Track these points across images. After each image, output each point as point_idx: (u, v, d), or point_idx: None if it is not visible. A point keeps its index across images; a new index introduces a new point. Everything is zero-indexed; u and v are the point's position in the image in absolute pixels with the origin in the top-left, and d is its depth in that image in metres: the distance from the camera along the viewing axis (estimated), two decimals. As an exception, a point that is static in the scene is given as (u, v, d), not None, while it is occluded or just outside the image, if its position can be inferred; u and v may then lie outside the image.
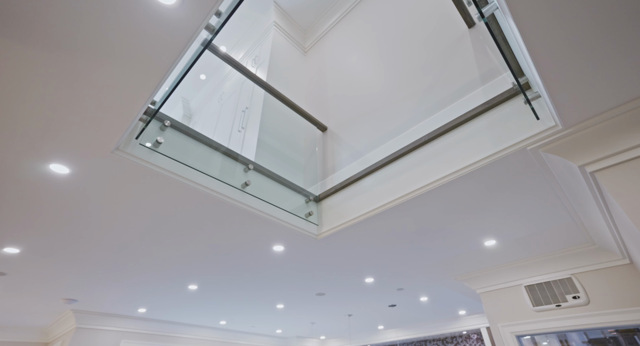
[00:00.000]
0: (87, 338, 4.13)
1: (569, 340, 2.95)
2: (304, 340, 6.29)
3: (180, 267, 2.88)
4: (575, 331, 2.74)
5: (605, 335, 2.75)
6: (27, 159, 1.55)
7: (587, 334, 2.88)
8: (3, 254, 2.46)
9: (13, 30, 1.01)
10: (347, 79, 3.38)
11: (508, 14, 1.07)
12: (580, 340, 2.91)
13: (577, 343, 2.90)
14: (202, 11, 1.00)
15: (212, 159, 2.02)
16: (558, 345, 2.96)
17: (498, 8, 1.12)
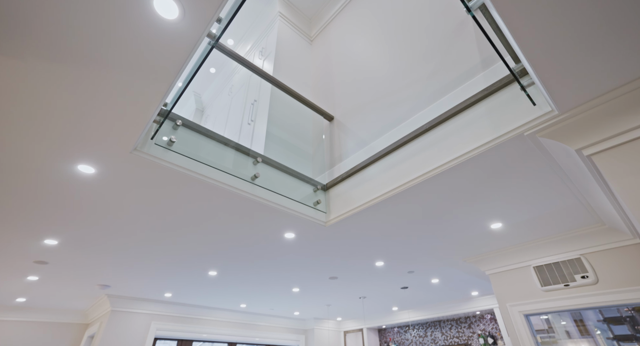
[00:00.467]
0: (122, 320, 4.49)
1: (584, 320, 3.00)
2: (322, 321, 6.55)
3: (199, 255, 3.08)
4: (583, 310, 2.78)
5: (622, 314, 2.78)
6: (59, 162, 1.72)
7: (603, 312, 2.92)
8: (44, 246, 2.73)
9: (46, 52, 1.14)
10: (353, 67, 3.41)
11: (492, 6, 1.11)
12: (596, 318, 2.95)
13: (592, 321, 2.95)
14: (202, 23, 1.09)
15: (222, 153, 2.15)
16: (572, 324, 3.02)
17: (483, 2, 1.15)
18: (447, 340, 5.67)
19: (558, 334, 3.07)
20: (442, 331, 5.79)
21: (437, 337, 5.80)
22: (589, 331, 2.94)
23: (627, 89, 1.39)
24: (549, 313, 2.93)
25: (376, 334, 6.66)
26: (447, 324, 5.78)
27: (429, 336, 5.93)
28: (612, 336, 2.85)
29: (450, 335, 5.66)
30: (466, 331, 5.50)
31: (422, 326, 6.10)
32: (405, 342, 6.23)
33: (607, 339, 2.86)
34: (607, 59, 1.27)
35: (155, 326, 4.76)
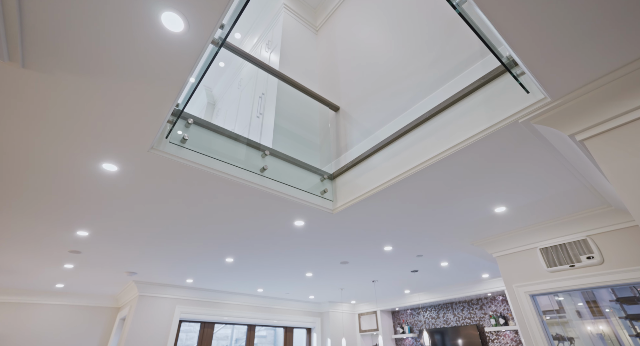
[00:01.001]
0: (149, 304, 4.83)
1: (598, 300, 3.06)
2: (336, 304, 6.80)
3: (216, 243, 3.29)
4: (588, 289, 2.84)
5: (635, 293, 2.82)
6: (86, 161, 1.90)
7: (616, 292, 2.96)
8: (77, 237, 2.98)
9: (71, 66, 1.28)
10: (357, 56, 3.45)
11: (474, 3, 1.16)
12: (609, 298, 3.00)
13: (605, 301, 3.00)
14: (205, 34, 1.20)
15: (232, 148, 2.28)
16: (584, 305, 3.08)
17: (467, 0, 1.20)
18: (459, 321, 5.81)
19: (569, 314, 3.14)
20: (454, 312, 5.92)
21: (449, 318, 5.95)
22: (602, 312, 2.99)
23: (618, 75, 1.42)
24: (554, 293, 3.00)
25: (390, 316, 6.87)
26: (459, 306, 5.90)
27: (441, 317, 6.08)
28: (625, 316, 2.90)
29: (462, 316, 5.79)
30: (478, 312, 5.62)
31: (434, 308, 6.25)
32: (418, 323, 6.41)
33: (620, 318, 2.92)
34: (594, 48, 1.31)
35: (179, 309, 5.09)
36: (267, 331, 7.42)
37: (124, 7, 1.10)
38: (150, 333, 4.66)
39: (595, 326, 3.01)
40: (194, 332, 5.67)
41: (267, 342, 7.45)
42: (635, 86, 1.41)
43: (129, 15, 1.13)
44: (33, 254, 3.46)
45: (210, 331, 5.52)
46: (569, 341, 3.11)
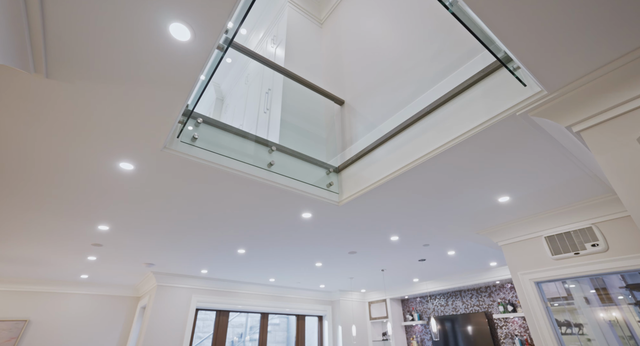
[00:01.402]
0: (167, 293, 5.07)
1: (608, 287, 3.09)
2: (346, 293, 6.96)
3: (228, 235, 3.43)
4: (592, 276, 2.88)
5: None
6: (105, 161, 2.03)
7: (626, 279, 2.99)
8: (98, 231, 3.17)
9: (90, 75, 1.39)
10: (361, 49, 3.48)
11: (464, 4, 1.21)
12: (618, 285, 3.03)
13: (614, 288, 3.04)
14: (210, 40, 1.29)
15: (240, 144, 2.39)
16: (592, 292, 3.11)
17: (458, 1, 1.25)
18: (467, 308, 5.89)
19: (577, 301, 3.19)
20: (462, 300, 6.00)
21: (458, 306, 6.03)
22: (612, 298, 3.03)
23: (612, 67, 1.45)
24: (559, 280, 3.04)
25: (399, 304, 7.00)
26: (467, 293, 5.98)
27: (449, 305, 6.17)
28: (635, 302, 2.93)
29: (471, 303, 5.86)
30: (486, 299, 5.68)
31: (443, 296, 6.34)
32: (427, 311, 6.53)
33: (630, 305, 2.95)
34: (588, 42, 1.34)
35: (195, 298, 5.32)
36: (280, 319, 7.67)
37: (135, 20, 1.20)
38: (169, 321, 4.90)
39: (605, 312, 3.04)
40: (210, 320, 5.92)
41: (280, 329, 7.71)
42: (629, 78, 1.43)
43: (140, 27, 1.22)
44: (60, 247, 3.68)
45: (226, 319, 5.76)
46: (578, 328, 3.16)
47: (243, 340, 7.56)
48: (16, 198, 2.50)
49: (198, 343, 6.44)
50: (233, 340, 7.54)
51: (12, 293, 4.90)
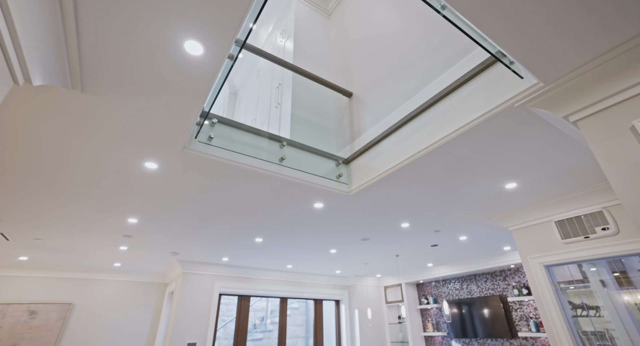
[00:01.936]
0: (192, 280, 5.42)
1: (627, 270, 3.12)
2: (362, 278, 7.17)
3: (245, 225, 3.64)
4: (601, 260, 2.92)
5: None
6: (132, 161, 2.24)
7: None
8: (128, 223, 3.45)
9: (117, 88, 1.56)
10: (368, 40, 3.52)
11: (451, 7, 1.28)
12: (637, 267, 3.05)
13: (634, 271, 3.06)
14: (220, 53, 1.42)
15: (252, 140, 2.54)
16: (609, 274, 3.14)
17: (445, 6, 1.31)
18: (482, 291, 5.98)
19: (593, 285, 3.23)
20: (477, 284, 6.09)
21: (473, 289, 6.13)
22: (631, 281, 3.05)
23: (607, 58, 1.49)
24: (568, 264, 3.09)
25: (414, 288, 7.15)
26: (482, 277, 6.05)
27: (464, 289, 6.27)
28: None
29: (486, 287, 5.94)
30: (501, 283, 5.75)
31: (457, 280, 6.44)
32: (442, 295, 6.66)
33: None
34: (580, 34, 1.38)
35: (218, 284, 5.66)
36: (299, 304, 8.01)
37: (155, 40, 1.34)
38: (195, 305, 5.26)
39: (623, 295, 3.07)
40: (233, 305, 6.28)
41: (299, 313, 8.06)
42: (623, 68, 1.47)
43: (159, 46, 1.37)
44: (96, 238, 4.02)
45: (247, 304, 6.09)
46: (595, 310, 3.21)
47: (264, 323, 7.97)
48: (59, 197, 2.77)
49: (222, 325, 6.85)
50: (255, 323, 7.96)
51: (58, 279, 5.39)
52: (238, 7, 1.22)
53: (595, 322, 3.05)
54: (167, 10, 1.23)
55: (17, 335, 4.71)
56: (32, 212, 3.08)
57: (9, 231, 3.56)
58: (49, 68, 1.35)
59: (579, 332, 3.04)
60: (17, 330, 4.75)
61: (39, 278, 5.26)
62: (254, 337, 7.67)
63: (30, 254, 4.63)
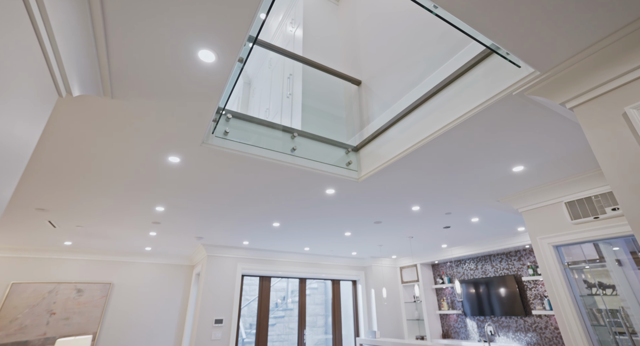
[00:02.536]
0: (216, 262, 5.80)
1: None
2: (378, 259, 7.39)
3: (263, 211, 3.88)
4: (610, 240, 2.96)
5: None
6: (157, 156, 2.46)
7: None
8: (156, 211, 3.76)
9: (143, 93, 1.75)
10: (376, 27, 3.55)
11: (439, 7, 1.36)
12: None
13: None
14: (230, 59, 1.57)
15: (264, 133, 2.71)
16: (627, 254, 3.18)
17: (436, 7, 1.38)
18: (497, 271, 6.07)
19: (609, 264, 3.28)
20: (492, 264, 6.17)
21: (488, 269, 6.22)
22: None
23: (602, 45, 1.52)
24: (577, 244, 3.15)
25: (430, 268, 7.32)
26: (497, 258, 6.12)
27: (479, 269, 6.37)
28: None
29: (501, 267, 6.02)
30: (516, 263, 5.81)
31: (472, 261, 6.54)
32: (457, 274, 6.79)
33: None
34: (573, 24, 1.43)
35: (241, 266, 6.02)
36: (317, 284, 8.37)
37: (173, 51, 1.50)
38: (220, 286, 5.66)
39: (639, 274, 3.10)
40: (255, 285, 6.68)
41: (318, 293, 8.44)
42: (618, 56, 1.51)
43: (177, 56, 1.53)
44: (128, 225, 4.38)
45: (268, 284, 6.46)
46: (611, 289, 3.27)
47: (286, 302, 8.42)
48: (96, 189, 3.07)
49: (246, 304, 7.32)
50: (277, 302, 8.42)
51: (98, 261, 5.93)
52: (242, 22, 1.36)
53: (611, 300, 3.10)
54: (182, 25, 1.38)
55: (69, 310, 5.32)
56: (74, 202, 3.43)
57: (56, 220, 3.95)
58: (85, 80, 1.55)
59: (593, 310, 3.12)
60: (69, 305, 5.35)
61: (83, 260, 5.81)
62: (276, 315, 8.14)
63: (73, 240, 5.10)
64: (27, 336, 4.87)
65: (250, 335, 7.30)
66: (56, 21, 1.17)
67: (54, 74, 1.31)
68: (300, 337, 6.44)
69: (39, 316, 5.05)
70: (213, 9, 1.32)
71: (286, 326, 8.04)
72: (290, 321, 7.94)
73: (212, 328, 5.30)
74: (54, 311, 5.19)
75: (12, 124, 1.09)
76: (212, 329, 5.30)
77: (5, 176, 1.13)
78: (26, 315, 4.97)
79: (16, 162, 1.18)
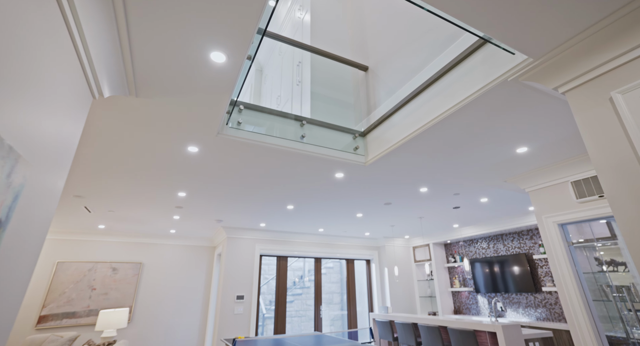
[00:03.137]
0: (236, 243, 6.16)
1: None
2: (391, 239, 7.59)
3: (277, 195, 4.11)
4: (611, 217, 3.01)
5: None
6: (178, 146, 2.70)
7: None
8: (179, 196, 4.06)
9: (163, 92, 1.95)
10: (383, 12, 3.57)
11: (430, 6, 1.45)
12: None
13: None
14: (239, 58, 1.73)
15: (275, 121, 2.88)
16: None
17: None
18: (508, 250, 6.16)
19: (621, 242, 3.35)
20: (504, 243, 6.26)
21: (499, 248, 6.32)
22: None
23: (591, 33, 1.58)
24: (581, 222, 3.22)
25: (442, 248, 7.47)
26: (509, 237, 6.20)
27: (491, 248, 6.48)
28: None
29: (512, 245, 6.11)
30: (528, 242, 5.88)
31: (484, 240, 6.64)
32: (469, 253, 6.93)
33: None
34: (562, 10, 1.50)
35: (259, 247, 6.37)
36: (333, 263, 8.72)
37: (188, 54, 1.68)
38: (240, 265, 6.04)
39: None
40: (273, 265, 7.06)
41: (334, 272, 8.80)
42: (605, 42, 1.56)
43: (192, 58, 1.70)
44: (153, 209, 4.74)
45: (285, 264, 6.81)
46: (623, 266, 3.36)
47: (303, 281, 8.84)
48: (124, 177, 3.37)
49: (265, 283, 7.76)
50: (295, 281, 8.86)
51: (130, 243, 6.44)
52: (248, 27, 1.51)
53: (623, 277, 3.18)
54: (195, 30, 1.55)
55: (107, 286, 5.90)
56: (105, 189, 3.76)
57: (90, 205, 4.34)
58: (113, 82, 1.76)
59: (602, 286, 3.23)
60: (106, 282, 5.93)
61: (115, 242, 6.32)
62: (294, 293, 8.60)
63: (106, 223, 5.56)
64: (74, 308, 5.49)
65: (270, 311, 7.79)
66: (89, 32, 1.36)
67: (88, 79, 1.52)
68: (317, 313, 6.83)
69: (82, 291, 5.65)
70: (222, 13, 1.48)
71: (304, 302, 8.49)
72: (308, 298, 8.38)
73: (234, 303, 5.72)
74: (94, 286, 5.77)
75: (61, 125, 1.31)
76: (235, 304, 5.73)
77: (59, 169, 1.36)
78: (72, 290, 5.57)
79: (65, 156, 1.42)
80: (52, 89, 1.17)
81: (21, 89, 0.96)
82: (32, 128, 1.06)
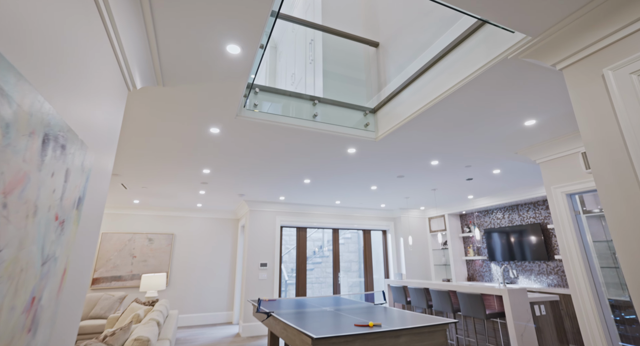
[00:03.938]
0: (258, 216, 6.59)
1: None
2: (407, 210, 7.81)
3: (294, 170, 4.37)
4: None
5: None
6: (202, 128, 2.96)
7: None
8: (204, 173, 4.41)
9: (185, 81, 2.18)
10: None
11: (431, -9, 1.55)
12: None
13: None
14: (252, 48, 1.91)
15: (288, 102, 3.06)
16: None
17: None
18: (523, 220, 6.25)
19: None
20: (519, 213, 6.34)
21: (514, 218, 6.41)
22: None
23: (587, 10, 1.63)
24: (588, 192, 3.29)
25: (457, 218, 7.63)
26: (524, 207, 6.26)
27: (506, 218, 6.58)
28: None
29: (528, 216, 6.18)
30: (543, 212, 5.93)
31: (500, 210, 6.73)
32: (484, 224, 7.06)
33: None
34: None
35: (279, 218, 6.78)
36: (351, 234, 9.11)
37: (207, 46, 1.87)
38: (262, 236, 6.49)
39: None
40: (293, 235, 7.51)
41: (352, 242, 9.22)
42: (600, 20, 1.61)
43: (210, 50, 1.90)
44: (182, 186, 5.16)
45: (304, 234, 7.23)
46: None
47: (322, 250, 9.34)
48: (156, 157, 3.72)
49: (286, 252, 8.28)
50: (315, 250, 9.38)
51: (163, 216, 7.06)
52: (259, 21, 1.67)
53: None
54: (213, 25, 1.73)
55: (145, 254, 6.60)
56: (139, 168, 4.15)
57: (126, 182, 4.79)
58: (144, 74, 1.99)
59: (614, 254, 3.35)
60: (144, 251, 6.63)
61: (149, 215, 6.94)
62: (314, 261, 9.14)
63: (140, 199, 6.09)
64: (120, 273, 6.25)
65: (292, 278, 8.38)
66: (123, 32, 1.58)
67: (124, 74, 1.76)
68: (335, 279, 7.30)
69: (125, 258, 6.36)
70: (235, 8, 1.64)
71: (323, 270, 9.04)
72: (327, 267, 8.89)
73: (258, 270, 6.24)
74: (134, 254, 6.47)
75: (108, 115, 1.58)
76: (259, 271, 6.24)
77: (109, 152, 1.65)
78: (116, 257, 6.30)
79: (112, 142, 1.70)
80: (100, 85, 1.42)
81: (80, 88, 1.21)
82: (90, 120, 1.32)
